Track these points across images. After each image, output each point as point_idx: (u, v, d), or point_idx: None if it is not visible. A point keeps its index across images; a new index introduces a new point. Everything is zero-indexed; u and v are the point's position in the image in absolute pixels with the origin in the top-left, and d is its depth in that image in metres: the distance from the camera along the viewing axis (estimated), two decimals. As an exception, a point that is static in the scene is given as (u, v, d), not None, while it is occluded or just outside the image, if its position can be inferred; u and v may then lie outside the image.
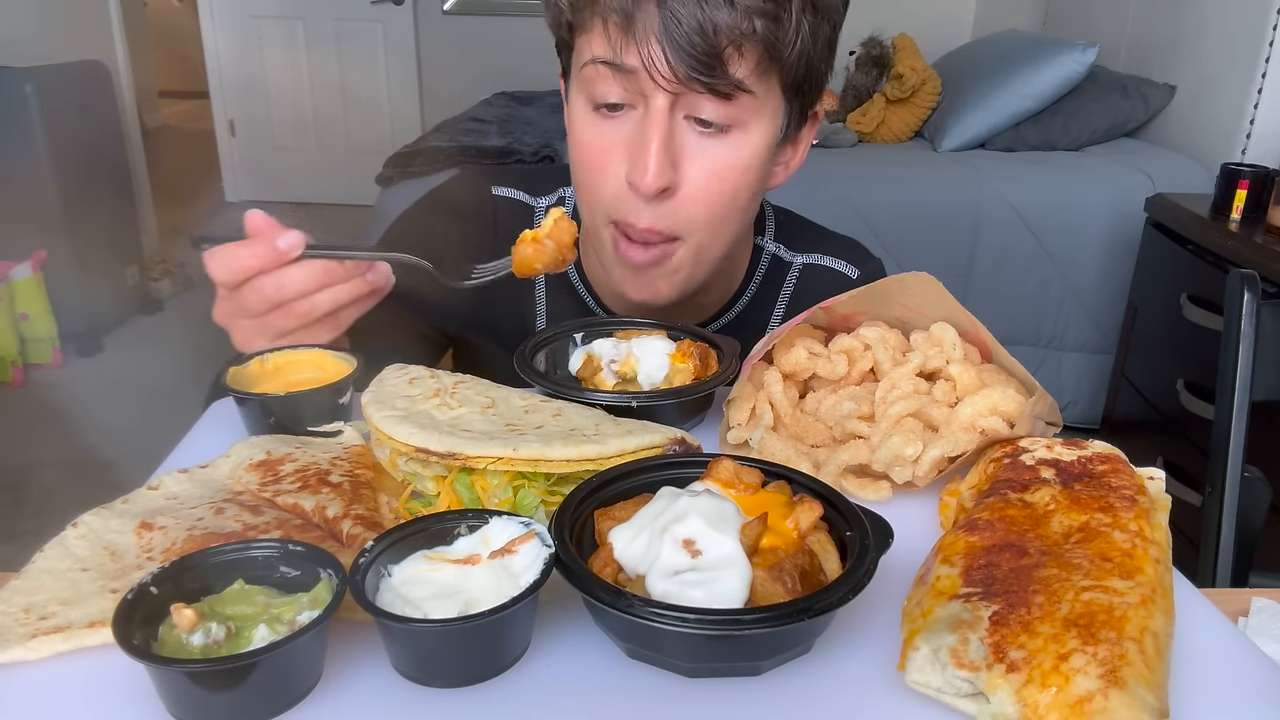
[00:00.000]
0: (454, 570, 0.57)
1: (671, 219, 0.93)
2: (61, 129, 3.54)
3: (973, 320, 0.81)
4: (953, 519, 0.71)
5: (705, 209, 0.93)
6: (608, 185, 0.93)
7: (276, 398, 0.80)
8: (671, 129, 0.89)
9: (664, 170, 0.88)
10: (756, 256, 1.13)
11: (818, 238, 1.17)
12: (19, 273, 3.44)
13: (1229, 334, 1.33)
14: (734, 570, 0.55)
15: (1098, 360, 3.08)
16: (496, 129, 3.48)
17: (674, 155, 0.89)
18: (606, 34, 0.87)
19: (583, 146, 0.94)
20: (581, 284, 1.13)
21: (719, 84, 0.85)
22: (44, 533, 0.64)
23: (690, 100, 0.88)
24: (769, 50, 0.86)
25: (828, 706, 0.53)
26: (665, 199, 0.91)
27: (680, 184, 0.91)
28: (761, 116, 0.91)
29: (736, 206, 0.95)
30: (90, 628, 0.55)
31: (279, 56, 5.52)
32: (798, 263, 1.14)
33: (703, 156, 0.90)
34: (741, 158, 0.92)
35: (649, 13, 0.84)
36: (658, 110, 0.88)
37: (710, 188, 0.92)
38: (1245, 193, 2.37)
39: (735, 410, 0.81)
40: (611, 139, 0.91)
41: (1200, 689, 0.55)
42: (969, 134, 3.37)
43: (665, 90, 0.86)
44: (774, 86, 0.90)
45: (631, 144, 0.90)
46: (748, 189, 0.95)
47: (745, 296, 1.13)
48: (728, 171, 0.92)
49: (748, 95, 0.87)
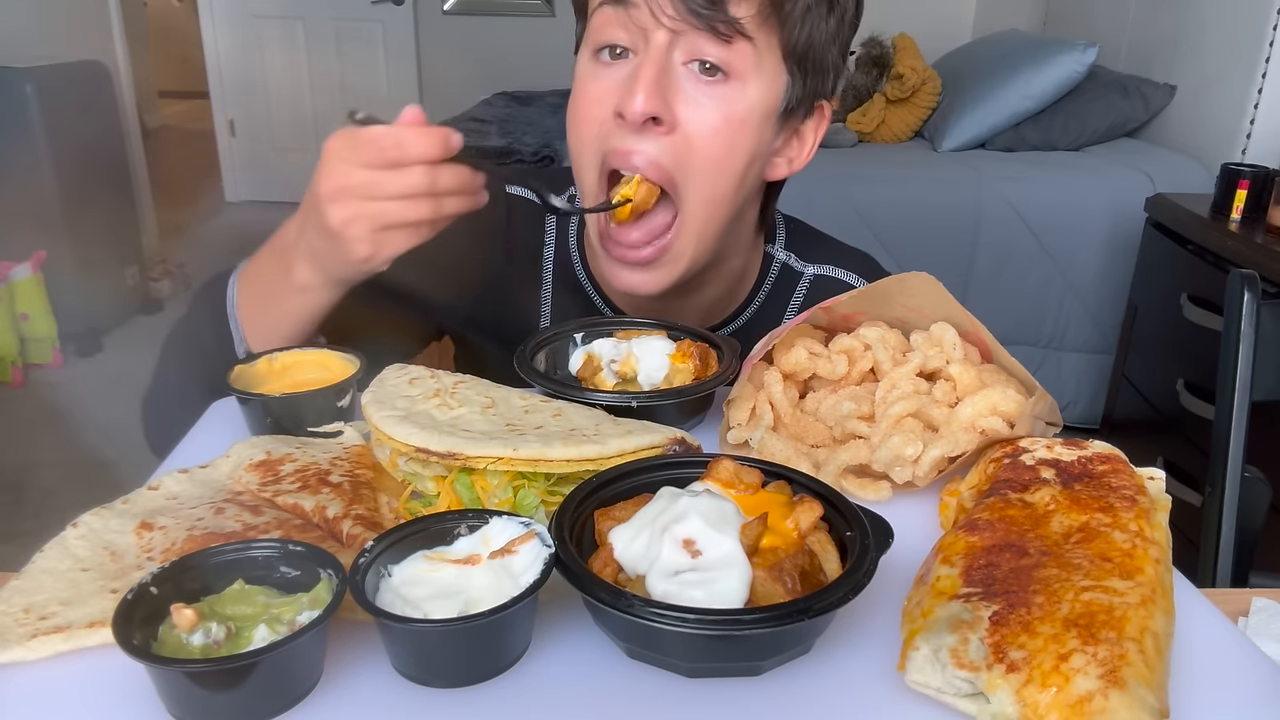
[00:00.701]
0: (454, 570, 0.57)
1: (668, 155, 0.91)
2: (61, 129, 3.53)
3: (973, 320, 0.81)
4: (953, 519, 0.71)
5: (701, 155, 0.91)
6: (597, 123, 0.92)
7: (277, 398, 0.80)
8: (667, 65, 0.89)
9: (652, 97, 0.88)
10: (767, 264, 1.13)
11: (830, 249, 1.16)
12: (19, 273, 3.44)
13: (1229, 334, 1.33)
14: (734, 570, 0.55)
15: (1098, 360, 3.08)
16: (496, 129, 3.48)
17: (666, 91, 0.89)
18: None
19: (582, 90, 0.94)
20: (588, 281, 1.12)
21: (717, 19, 0.86)
22: (44, 533, 0.64)
23: (689, 43, 0.88)
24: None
25: (828, 706, 0.53)
26: (659, 134, 0.90)
27: (675, 123, 0.90)
28: (761, 72, 0.91)
29: (734, 168, 0.93)
30: (90, 628, 0.55)
31: (279, 56, 5.52)
32: (809, 273, 1.13)
33: (698, 99, 0.90)
34: (737, 110, 0.91)
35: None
36: (656, 45, 0.88)
37: (705, 132, 0.91)
38: (1245, 193, 2.37)
39: (735, 410, 0.81)
40: (608, 82, 0.91)
41: (1200, 689, 0.55)
42: (969, 134, 3.37)
43: (665, 27, 0.87)
44: (774, 45, 0.90)
45: (626, 81, 0.90)
46: (744, 150, 0.93)
47: (754, 304, 1.12)
48: (722, 121, 0.91)
49: (746, 42, 0.88)
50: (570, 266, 1.12)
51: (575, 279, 1.12)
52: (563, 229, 1.14)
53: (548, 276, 1.13)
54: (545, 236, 1.13)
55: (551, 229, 1.14)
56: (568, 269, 1.13)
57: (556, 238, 1.14)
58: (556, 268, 1.13)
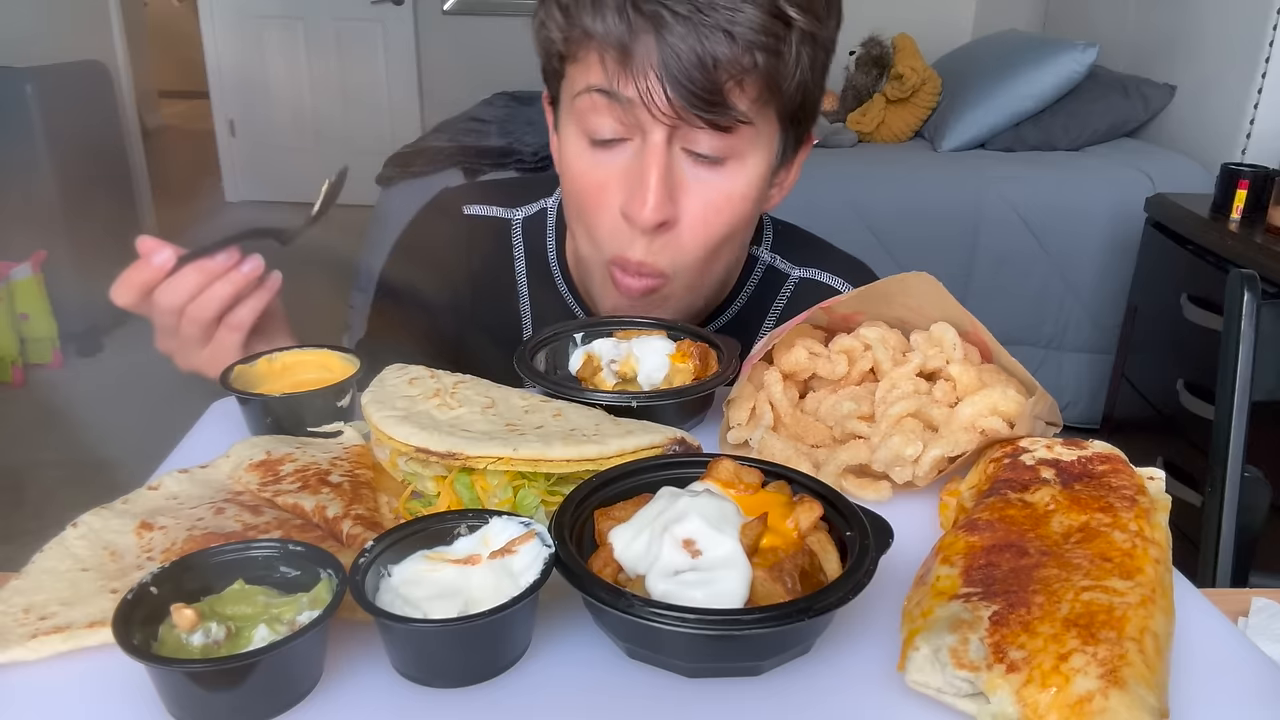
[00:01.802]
0: (454, 570, 0.57)
1: (666, 254, 0.92)
2: (61, 129, 3.54)
3: (973, 320, 0.81)
4: (953, 519, 0.71)
5: (702, 242, 0.92)
6: (604, 220, 0.92)
7: (277, 398, 0.80)
8: (670, 162, 0.87)
9: (663, 204, 0.87)
10: (751, 266, 1.12)
11: (820, 253, 1.14)
12: (19, 273, 3.44)
13: (1229, 334, 1.33)
14: (734, 570, 0.55)
15: (1098, 360, 3.08)
16: (496, 129, 3.48)
17: (672, 189, 0.88)
18: (603, 66, 0.85)
19: (578, 179, 0.92)
20: (569, 292, 1.12)
21: (719, 118, 0.84)
22: (44, 533, 0.64)
23: (688, 133, 0.86)
24: (769, 83, 0.85)
25: (828, 706, 0.53)
26: (662, 233, 0.90)
27: (678, 217, 0.90)
28: (758, 146, 0.90)
29: (733, 237, 0.95)
30: (90, 628, 0.55)
31: (279, 56, 5.52)
32: (795, 275, 1.12)
33: (700, 189, 0.89)
34: (739, 189, 0.91)
35: (647, 45, 0.82)
36: (655, 143, 0.86)
37: (708, 220, 0.91)
38: (1245, 193, 2.37)
39: (735, 410, 0.81)
40: (608, 171, 0.90)
41: (1200, 689, 0.55)
42: (969, 134, 3.37)
43: (663, 123, 0.85)
44: (771, 117, 0.89)
45: (629, 177, 0.89)
46: (745, 219, 0.94)
47: (736, 305, 1.11)
48: (724, 203, 0.90)
49: (746, 126, 0.86)
50: (550, 278, 1.12)
51: (556, 290, 1.11)
52: (534, 239, 1.13)
53: (523, 289, 1.13)
54: (514, 250, 1.13)
55: (519, 241, 1.13)
56: (546, 279, 1.12)
57: (527, 250, 1.13)
58: (532, 279, 1.12)
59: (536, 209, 1.14)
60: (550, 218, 1.13)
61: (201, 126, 6.34)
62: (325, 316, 1.01)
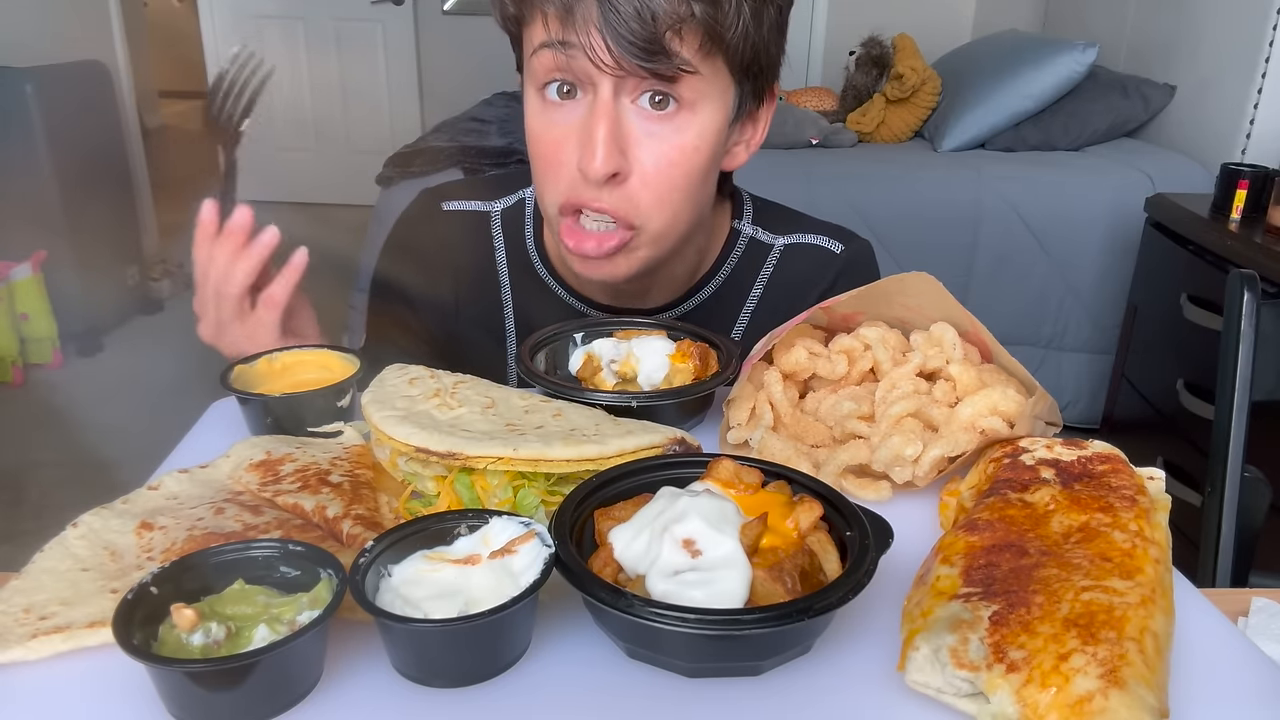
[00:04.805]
0: (454, 570, 0.57)
1: (625, 204, 0.93)
2: (61, 129, 3.53)
3: (973, 320, 0.81)
4: (953, 519, 0.71)
5: (656, 194, 0.93)
6: (562, 175, 0.94)
7: (277, 398, 0.80)
8: (618, 115, 0.90)
9: (611, 155, 0.89)
10: (733, 239, 1.13)
11: (801, 221, 1.17)
12: (19, 273, 3.44)
13: (1229, 334, 1.33)
14: (734, 570, 0.55)
15: (1098, 360, 3.08)
16: (496, 129, 3.47)
17: (622, 141, 0.90)
18: (548, 24, 0.88)
19: (536, 138, 0.96)
20: (551, 277, 1.12)
21: (661, 68, 0.86)
22: (44, 533, 0.64)
23: (635, 84, 0.88)
24: (710, 33, 0.87)
25: (828, 706, 0.53)
26: (616, 184, 0.92)
27: (630, 169, 0.91)
28: (709, 97, 0.91)
29: (689, 187, 0.96)
30: (90, 628, 0.55)
31: (279, 56, 5.51)
32: (779, 243, 1.14)
33: (651, 141, 0.91)
34: (689, 140, 0.92)
35: (587, 3, 0.85)
36: (603, 98, 0.89)
37: (660, 172, 0.92)
38: (1245, 193, 2.37)
39: (735, 410, 0.81)
40: (562, 128, 0.92)
41: (1200, 689, 0.55)
42: (969, 134, 3.37)
43: (609, 75, 0.87)
44: (720, 68, 0.91)
45: (581, 132, 0.91)
46: (699, 170, 0.95)
47: (719, 276, 1.13)
48: (677, 154, 0.92)
49: (693, 76, 0.88)
50: (530, 267, 1.13)
51: (537, 277, 1.13)
52: (513, 229, 1.14)
53: (505, 281, 1.14)
54: (494, 242, 1.14)
55: (499, 233, 1.15)
56: (527, 269, 1.13)
57: (507, 242, 1.14)
58: (513, 270, 1.14)
59: (515, 200, 1.16)
60: (528, 207, 1.15)
61: (201, 126, 6.32)
62: (325, 316, 1.01)
